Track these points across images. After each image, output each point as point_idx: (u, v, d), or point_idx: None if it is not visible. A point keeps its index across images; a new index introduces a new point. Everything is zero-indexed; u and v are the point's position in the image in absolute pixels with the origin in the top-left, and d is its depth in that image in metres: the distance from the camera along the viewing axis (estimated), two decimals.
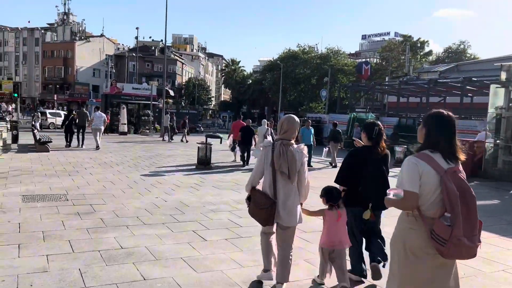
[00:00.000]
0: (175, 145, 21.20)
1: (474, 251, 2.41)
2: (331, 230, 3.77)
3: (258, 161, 3.69)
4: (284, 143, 3.55)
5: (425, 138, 2.61)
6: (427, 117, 2.67)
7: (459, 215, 2.33)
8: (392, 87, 26.73)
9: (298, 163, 3.52)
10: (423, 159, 2.50)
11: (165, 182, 9.54)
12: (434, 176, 2.44)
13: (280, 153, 3.49)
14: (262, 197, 3.58)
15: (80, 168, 11.17)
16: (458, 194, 2.36)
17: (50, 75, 73.75)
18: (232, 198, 8.02)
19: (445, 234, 2.34)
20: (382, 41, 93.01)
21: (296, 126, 3.67)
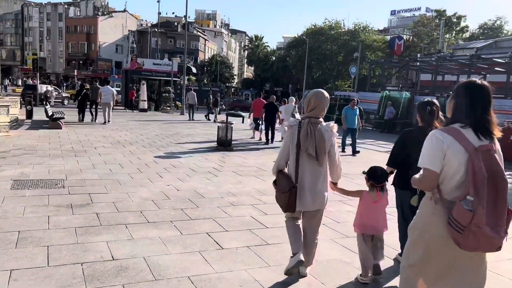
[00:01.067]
0: (195, 123, 20.16)
1: (498, 243, 2.10)
2: (365, 212, 3.52)
3: (284, 142, 3.38)
4: (312, 122, 3.24)
5: (454, 111, 2.30)
6: (457, 88, 2.34)
7: (484, 200, 2.04)
8: (428, 64, 24.70)
9: (327, 143, 3.22)
10: (450, 133, 2.20)
11: (180, 166, 8.46)
12: (462, 153, 2.14)
13: (308, 132, 3.19)
14: (284, 180, 3.30)
15: (89, 147, 10.21)
16: (487, 176, 2.04)
17: (73, 51, 73.67)
18: (255, 187, 6.87)
19: (464, 219, 2.06)
20: (412, 17, 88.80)
21: (325, 102, 3.32)
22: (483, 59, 20.49)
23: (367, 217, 3.50)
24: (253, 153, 11.17)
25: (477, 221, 2.02)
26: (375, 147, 15.02)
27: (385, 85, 27.10)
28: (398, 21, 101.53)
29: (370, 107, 23.98)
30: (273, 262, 3.80)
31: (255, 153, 11.27)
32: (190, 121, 21.00)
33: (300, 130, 3.24)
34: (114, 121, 17.91)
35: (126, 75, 31.95)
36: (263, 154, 11.04)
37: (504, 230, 2.10)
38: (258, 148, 12.70)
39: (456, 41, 48.33)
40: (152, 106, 29.74)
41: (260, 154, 11.13)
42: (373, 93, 24.85)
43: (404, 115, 21.13)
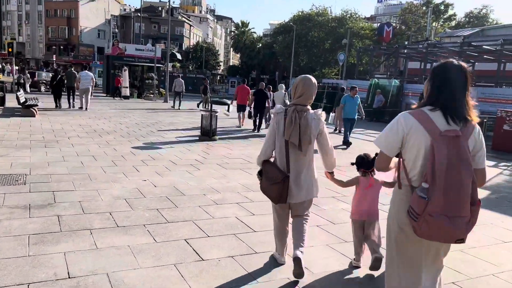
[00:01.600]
0: (180, 112, 19.41)
1: (456, 234, 1.98)
2: (358, 197, 3.48)
3: (270, 131, 3.21)
4: (298, 109, 3.07)
5: (428, 93, 2.14)
6: (432, 68, 2.18)
7: (439, 188, 1.91)
8: (417, 51, 24.28)
9: (314, 131, 3.06)
10: (415, 116, 2.07)
11: (159, 158, 7.80)
12: (424, 138, 2.02)
13: (292, 120, 3.03)
14: (274, 171, 3.13)
15: (62, 137, 9.46)
16: (447, 163, 1.92)
17: (53, 35, 71.30)
18: (241, 182, 6.28)
19: (418, 207, 1.97)
20: (399, 4, 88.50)
21: (313, 89, 3.15)
22: (474, 47, 20.10)
23: (361, 202, 3.45)
24: (239, 143, 10.56)
25: (430, 209, 1.93)
26: (365, 137, 14.58)
27: (373, 73, 26.63)
28: (385, 8, 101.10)
29: (358, 95, 23.50)
30: (262, 277, 3.23)
31: (241, 143, 10.67)
32: (175, 110, 20.05)
33: (285, 118, 3.08)
34: (93, 108, 17.15)
35: (108, 61, 30.79)
36: (249, 144, 10.44)
37: (465, 222, 1.97)
38: (244, 136, 12.11)
39: (443, 29, 48.05)
40: (134, 93, 28.78)
41: (246, 144, 10.53)
42: (362, 81, 24.36)
43: (394, 103, 20.72)
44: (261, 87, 13.75)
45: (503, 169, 9.62)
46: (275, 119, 3.18)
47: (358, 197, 3.48)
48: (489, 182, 7.83)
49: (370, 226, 3.41)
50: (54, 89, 16.53)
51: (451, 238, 2.01)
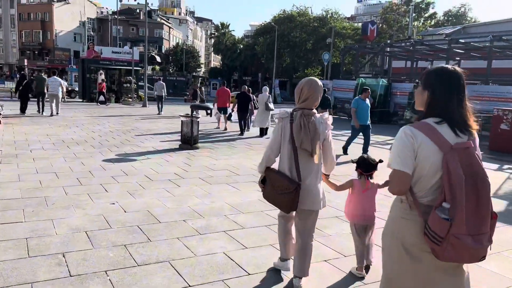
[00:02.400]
0: (159, 117, 18.35)
1: (481, 253, 1.83)
2: (354, 200, 3.36)
3: (274, 136, 3.04)
4: (305, 114, 2.90)
5: (429, 103, 1.96)
6: (427, 75, 2.00)
7: (462, 207, 1.76)
8: (403, 49, 23.78)
9: (321, 137, 2.91)
10: (422, 130, 1.90)
11: (133, 173, 6.82)
12: (435, 153, 1.86)
13: (301, 126, 2.87)
14: (283, 180, 2.93)
15: (23, 150, 8.37)
16: (464, 178, 1.77)
17: (27, 39, 68.87)
18: (228, 202, 5.37)
19: (441, 230, 1.78)
20: (378, 4, 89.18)
21: (319, 92, 2.97)
22: (462, 44, 19.65)
23: (356, 206, 3.35)
24: (223, 151, 9.63)
25: (455, 231, 1.75)
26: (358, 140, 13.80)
27: (359, 73, 26.04)
28: (365, 8, 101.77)
29: (344, 95, 22.91)
30: None
31: (226, 150, 9.74)
32: (157, 116, 18.78)
33: (292, 123, 2.93)
34: (65, 115, 16.12)
35: (83, 64, 29.41)
36: (235, 152, 9.53)
37: (487, 238, 1.84)
38: (227, 140, 11.20)
39: (425, 28, 48.08)
40: (112, 98, 27.55)
41: (231, 151, 9.61)
42: (348, 81, 23.73)
43: (382, 103, 20.12)
44: (243, 90, 13.54)
45: (509, 172, 8.95)
46: (280, 124, 3.01)
47: (354, 201, 3.38)
48: (499, 189, 7.11)
49: (367, 230, 3.36)
50: (21, 94, 15.97)
51: (476, 257, 1.85)
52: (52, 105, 15.94)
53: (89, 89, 27.61)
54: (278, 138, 3.02)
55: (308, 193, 2.94)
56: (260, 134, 13.02)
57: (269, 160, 3.10)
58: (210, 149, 9.85)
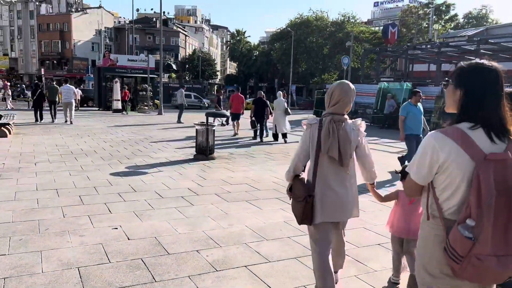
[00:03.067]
0: (174, 125, 17.77)
1: (505, 275, 1.64)
2: (399, 213, 3.17)
3: (302, 143, 2.85)
4: (334, 119, 2.72)
5: (461, 104, 1.71)
6: (460, 72, 1.74)
7: (488, 225, 1.56)
8: (427, 52, 22.76)
9: (353, 144, 2.73)
10: (452, 136, 1.67)
11: (142, 188, 6.14)
12: (466, 163, 1.63)
13: (329, 132, 2.69)
14: (300, 187, 2.81)
15: (28, 163, 7.81)
16: (496, 195, 1.56)
17: (47, 50, 69.92)
18: (249, 225, 4.62)
19: (461, 248, 1.60)
20: (395, 8, 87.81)
21: (351, 95, 2.79)
22: (491, 44, 18.56)
23: (400, 218, 3.16)
24: (241, 161, 8.90)
25: (478, 251, 1.57)
26: (383, 147, 12.94)
27: (380, 77, 25.08)
28: (381, 12, 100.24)
29: (366, 100, 21.98)
30: None
31: (244, 161, 9.01)
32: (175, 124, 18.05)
33: (321, 130, 2.73)
34: (79, 124, 15.74)
35: (99, 72, 29.22)
36: (254, 163, 8.78)
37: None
38: (243, 146, 10.45)
39: (446, 31, 46.70)
40: (128, 106, 27.23)
41: (249, 162, 8.87)
42: (369, 85, 22.78)
43: None
44: (259, 96, 13.42)
45: None
46: (308, 131, 2.84)
47: (399, 214, 3.19)
48: None
49: (409, 244, 3.10)
50: (35, 103, 16.33)
51: (500, 279, 1.65)
52: (66, 113, 16.06)
53: (105, 97, 27.39)
54: (306, 145, 2.83)
55: (336, 203, 2.75)
56: (275, 138, 12.97)
57: (296, 169, 2.89)
58: (226, 159, 9.14)
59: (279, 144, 12.25)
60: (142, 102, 28.91)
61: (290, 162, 2.94)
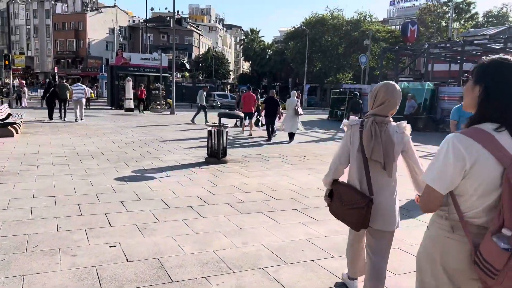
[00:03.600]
0: (186, 126, 17.30)
1: None
2: None
3: (342, 145, 2.75)
4: (377, 121, 2.58)
5: (482, 103, 1.58)
6: (482, 66, 1.61)
7: None
8: (450, 51, 21.85)
9: (397, 147, 2.57)
10: (477, 138, 1.53)
11: (148, 195, 5.61)
12: (494, 167, 1.51)
13: (372, 134, 2.55)
14: (353, 194, 2.63)
15: (30, 165, 7.36)
16: None
17: (62, 48, 70.43)
18: (266, 243, 4.03)
19: (498, 261, 1.46)
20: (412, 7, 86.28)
21: (397, 97, 2.62)
22: None
23: None
24: (255, 165, 8.32)
25: None
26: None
27: (398, 76, 24.22)
28: (397, 11, 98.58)
29: None
30: None
31: (258, 164, 8.42)
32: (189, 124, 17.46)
33: (362, 131, 2.60)
34: (89, 123, 15.63)
35: (112, 71, 29.03)
36: (269, 167, 8.19)
37: None
38: (255, 145, 9.85)
39: (466, 29, 45.36)
40: (141, 105, 26.92)
41: (264, 166, 8.28)
42: None
43: (428, 109, 18.30)
44: (271, 95, 13.22)
45: None
46: (349, 133, 2.70)
47: None
48: None
49: None
50: (48, 101, 16.57)
51: None
52: (77, 111, 16.15)
53: (118, 96, 27.13)
54: (347, 147, 2.72)
55: (379, 210, 2.62)
56: (290, 139, 12.71)
57: (336, 172, 2.78)
58: (240, 163, 8.57)
59: (294, 147, 11.64)
60: (154, 101, 28.58)
61: (330, 164, 2.80)
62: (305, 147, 11.62)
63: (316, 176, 7.51)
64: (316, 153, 10.37)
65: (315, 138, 14.37)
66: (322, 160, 9.32)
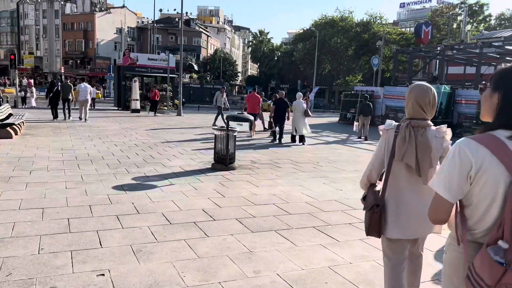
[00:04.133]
0: (192, 127, 16.75)
1: None
2: None
3: (377, 151, 2.63)
4: (413, 124, 2.45)
5: (499, 110, 1.50)
6: (502, 73, 1.53)
7: None
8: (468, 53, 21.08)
9: (435, 152, 2.43)
10: (486, 144, 1.45)
11: (147, 208, 5.02)
12: (501, 176, 1.42)
13: (406, 137, 2.43)
14: (369, 196, 2.61)
15: (23, 171, 6.82)
16: None
17: (70, 49, 70.46)
18: (282, 271, 3.40)
19: (489, 275, 1.36)
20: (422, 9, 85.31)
21: (432, 98, 2.47)
22: None
23: None
24: (266, 172, 7.70)
25: (510, 279, 1.31)
26: None
27: (412, 79, 23.48)
28: (408, 14, 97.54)
29: (397, 103, 20.49)
30: None
31: (268, 172, 7.80)
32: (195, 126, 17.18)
33: (396, 136, 2.47)
34: (93, 124, 15.32)
35: (119, 71, 28.58)
36: (280, 175, 7.56)
37: None
38: (260, 148, 9.24)
39: (479, 32, 44.41)
40: (147, 106, 26.47)
41: (275, 173, 7.66)
42: (402, 88, 21.24)
43: (443, 113, 17.57)
44: (281, 96, 12.81)
45: None
46: (384, 137, 2.57)
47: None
48: None
49: None
50: (51, 100, 16.36)
51: None
52: (81, 111, 16.26)
53: (125, 97, 26.71)
54: (381, 152, 2.59)
55: (412, 218, 2.47)
56: (293, 140, 12.55)
57: (370, 178, 2.65)
58: (248, 169, 7.96)
59: (307, 152, 11.01)
60: (161, 102, 28.11)
61: (365, 169, 2.68)
62: (318, 152, 10.99)
63: (332, 186, 6.88)
64: (330, 159, 9.73)
65: (326, 142, 13.72)
66: (337, 167, 8.68)
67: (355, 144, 13.58)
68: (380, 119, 21.25)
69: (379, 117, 21.00)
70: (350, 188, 6.79)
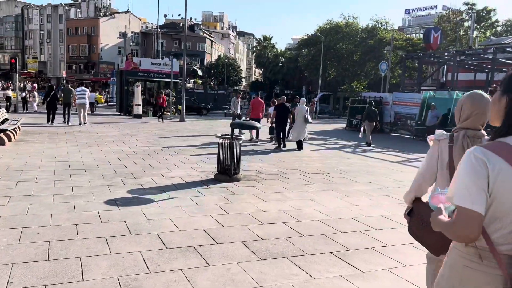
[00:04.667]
0: (195, 134, 16.20)
1: None
2: None
3: (427, 162, 2.42)
4: (469, 135, 2.30)
5: (507, 113, 1.46)
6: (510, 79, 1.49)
7: None
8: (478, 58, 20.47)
9: None
10: (499, 152, 1.40)
11: (141, 228, 4.43)
12: None
13: (465, 149, 2.22)
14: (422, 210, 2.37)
15: (8, 181, 6.26)
16: None
17: (74, 53, 70.35)
18: None
19: None
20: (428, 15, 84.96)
21: (485, 106, 2.30)
22: None
23: None
24: (273, 184, 7.10)
25: None
26: None
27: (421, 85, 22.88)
28: (413, 20, 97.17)
29: (407, 110, 19.87)
30: None
31: (276, 184, 7.20)
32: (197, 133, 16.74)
33: (452, 147, 2.30)
34: (92, 130, 14.74)
35: (121, 76, 28.12)
36: (289, 188, 6.96)
37: None
38: (262, 154, 8.63)
39: (486, 38, 43.80)
40: (150, 111, 25.99)
41: (283, 186, 7.06)
42: (411, 94, 20.63)
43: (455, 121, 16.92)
44: (283, 101, 12.66)
45: None
46: (436, 147, 2.37)
47: None
48: None
49: None
50: (48, 105, 16.36)
51: None
52: (80, 115, 16.15)
53: (127, 102, 26.24)
54: (433, 164, 2.36)
55: None
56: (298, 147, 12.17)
57: (419, 190, 2.43)
58: (254, 181, 7.37)
59: (315, 161, 10.41)
60: (164, 108, 27.63)
61: (412, 182, 2.49)
62: (327, 161, 10.39)
63: (346, 200, 6.28)
64: (341, 170, 9.12)
65: (335, 149, 13.12)
66: (349, 179, 8.07)
67: (365, 152, 12.97)
68: (389, 126, 20.63)
69: (387, 124, 20.38)
70: (366, 203, 6.18)
